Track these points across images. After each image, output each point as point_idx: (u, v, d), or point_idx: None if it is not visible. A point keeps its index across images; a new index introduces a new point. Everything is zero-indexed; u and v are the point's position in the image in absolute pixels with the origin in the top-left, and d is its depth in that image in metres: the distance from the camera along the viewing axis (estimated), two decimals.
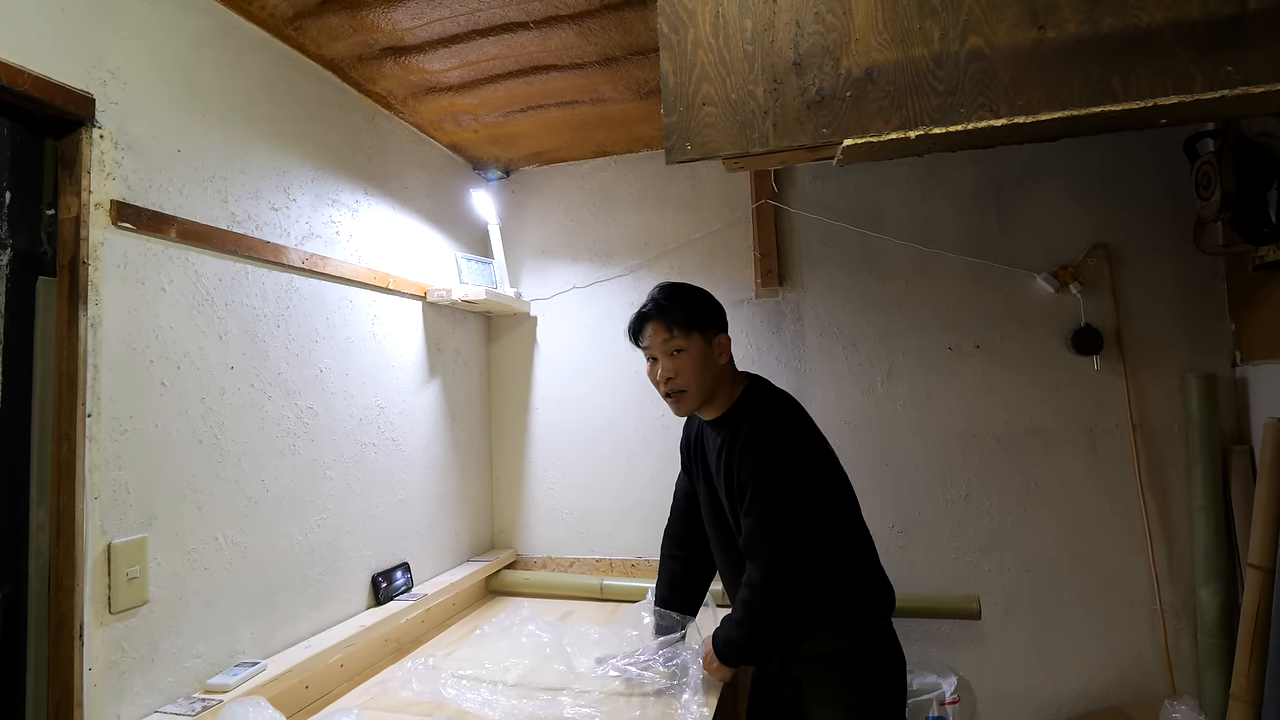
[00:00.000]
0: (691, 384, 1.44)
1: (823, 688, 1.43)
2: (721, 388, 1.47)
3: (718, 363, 1.46)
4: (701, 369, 1.44)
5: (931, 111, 0.85)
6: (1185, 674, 1.90)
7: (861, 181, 2.19)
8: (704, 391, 1.45)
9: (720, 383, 1.47)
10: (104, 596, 1.15)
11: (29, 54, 1.08)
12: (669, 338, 1.44)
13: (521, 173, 2.53)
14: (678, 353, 1.44)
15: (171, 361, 1.29)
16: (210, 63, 1.41)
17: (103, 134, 1.18)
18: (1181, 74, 0.78)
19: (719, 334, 1.48)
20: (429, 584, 2.01)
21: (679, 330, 1.43)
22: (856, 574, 1.44)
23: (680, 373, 1.43)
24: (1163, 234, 1.97)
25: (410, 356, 2.04)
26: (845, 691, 1.41)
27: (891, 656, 1.44)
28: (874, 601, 1.45)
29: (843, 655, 1.40)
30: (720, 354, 1.47)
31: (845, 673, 1.41)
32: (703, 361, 1.44)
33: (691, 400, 1.45)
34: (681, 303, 1.47)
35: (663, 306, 1.46)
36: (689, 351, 1.43)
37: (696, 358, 1.43)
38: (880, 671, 1.42)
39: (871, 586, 1.46)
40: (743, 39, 0.93)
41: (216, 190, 1.41)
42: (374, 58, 1.72)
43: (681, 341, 1.43)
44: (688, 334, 1.43)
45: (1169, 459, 1.95)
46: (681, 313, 1.45)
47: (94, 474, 1.13)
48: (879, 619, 1.43)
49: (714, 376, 1.45)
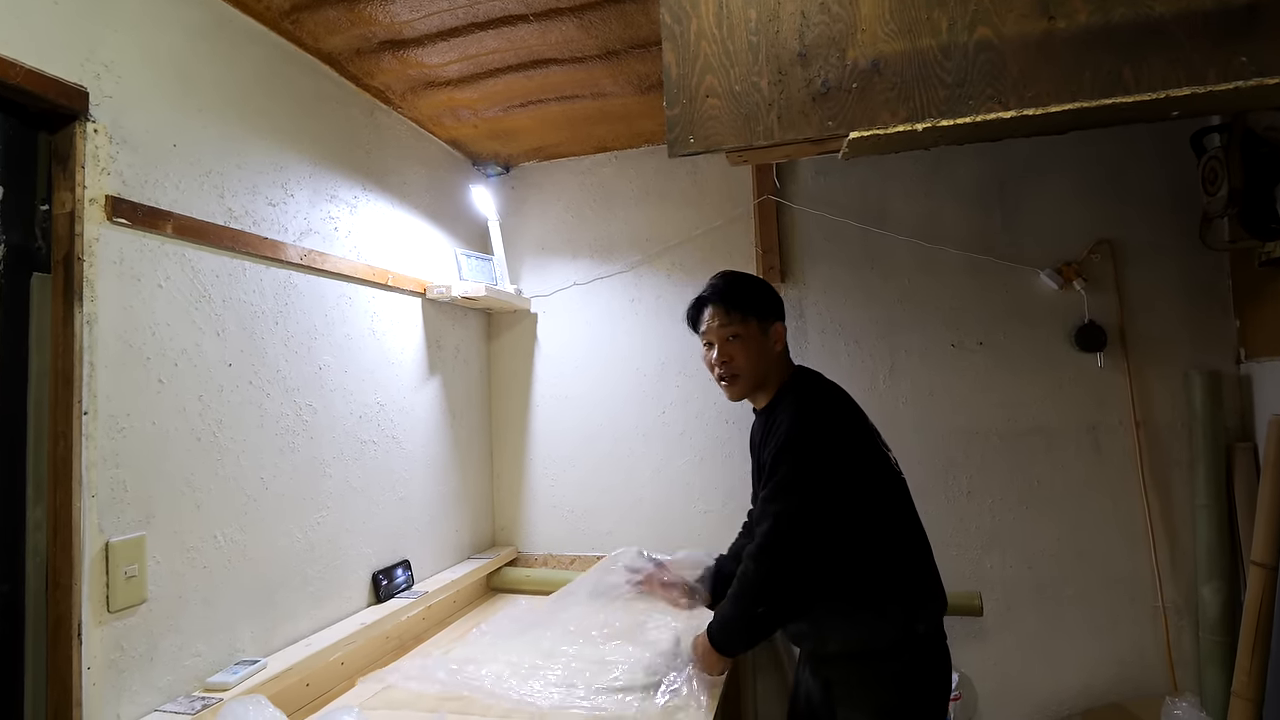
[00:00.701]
0: (745, 369, 1.44)
1: (853, 688, 1.37)
2: (773, 375, 1.47)
3: (773, 350, 1.46)
4: (757, 355, 1.44)
5: (939, 103, 0.84)
6: (1187, 671, 1.90)
7: (864, 177, 2.18)
8: (757, 378, 1.45)
9: (773, 370, 1.47)
10: (102, 595, 1.13)
11: (21, 47, 1.06)
12: (727, 322, 1.45)
13: (521, 168, 2.52)
14: (734, 338, 1.44)
15: (169, 359, 1.27)
16: (205, 56, 1.39)
17: (97, 128, 1.17)
18: (1194, 65, 0.76)
19: (776, 322, 1.48)
20: (430, 581, 2.00)
21: (736, 314, 1.44)
22: (895, 568, 1.36)
23: (735, 357, 1.44)
24: (1167, 230, 1.96)
25: (410, 353, 2.03)
26: (877, 691, 1.34)
27: (934, 661, 1.36)
28: (915, 600, 1.36)
29: (875, 654, 1.34)
30: (776, 342, 1.47)
31: (879, 673, 1.34)
32: (758, 347, 1.44)
33: (744, 385, 1.46)
34: (741, 288, 1.48)
35: (722, 291, 1.47)
36: (745, 337, 1.44)
37: (752, 343, 1.44)
38: (917, 675, 1.34)
39: (914, 584, 1.38)
40: (747, 30, 0.91)
41: (213, 185, 1.39)
42: (372, 51, 1.70)
43: (739, 327, 1.44)
44: (745, 319, 1.44)
45: (1172, 456, 1.94)
46: (740, 298, 1.46)
47: (91, 472, 1.12)
48: (919, 622, 1.34)
49: (767, 364, 1.46)
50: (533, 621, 1.71)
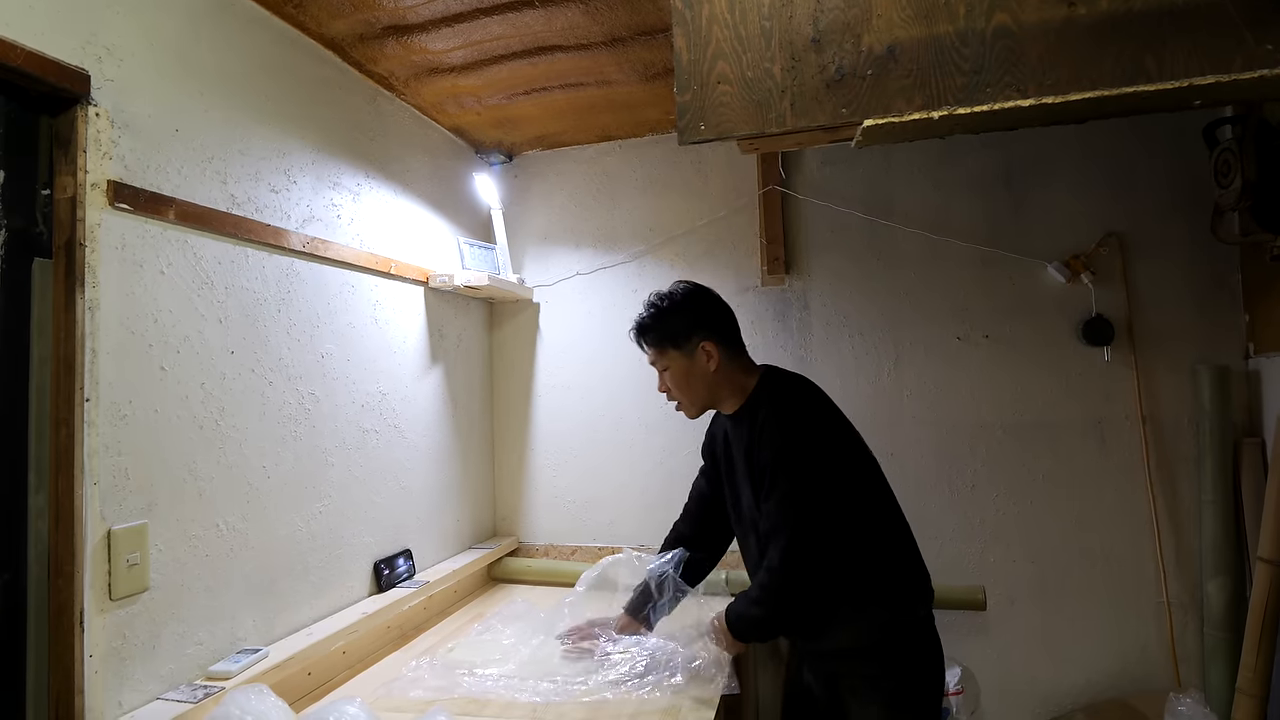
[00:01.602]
0: (683, 397, 1.47)
1: (858, 681, 1.38)
2: (724, 389, 1.46)
3: (706, 370, 1.44)
4: (686, 382, 1.45)
5: (956, 91, 0.82)
6: (1191, 667, 1.89)
7: (871, 167, 2.16)
8: (699, 400, 1.47)
9: (721, 385, 1.45)
10: (104, 583, 1.13)
11: (22, 28, 1.04)
12: (653, 359, 1.48)
13: (524, 157, 2.50)
14: (664, 370, 1.48)
15: (171, 346, 1.26)
16: (208, 40, 1.38)
17: (99, 112, 1.15)
18: (1218, 53, 0.75)
19: (701, 342, 1.43)
20: (431, 571, 1.99)
21: (654, 350, 1.47)
22: (888, 561, 1.39)
23: (671, 389, 1.48)
24: (1177, 223, 1.94)
25: (412, 342, 2.02)
26: (889, 679, 1.35)
27: (932, 642, 1.40)
28: (912, 585, 1.40)
29: (876, 648, 1.36)
30: (708, 359, 1.43)
31: (887, 661, 1.35)
32: (685, 375, 1.45)
33: (691, 409, 1.49)
34: (652, 322, 1.47)
35: (641, 326, 1.49)
36: (672, 368, 1.46)
37: (679, 373, 1.45)
38: (921, 657, 1.38)
39: (908, 569, 1.41)
40: (760, 15, 0.89)
41: (215, 171, 1.38)
42: (375, 37, 1.68)
43: (662, 360, 1.47)
44: (663, 352, 1.46)
45: (1179, 451, 1.93)
46: (654, 333, 1.47)
47: (93, 460, 1.11)
48: (919, 605, 1.39)
49: (706, 384, 1.45)
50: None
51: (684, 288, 1.51)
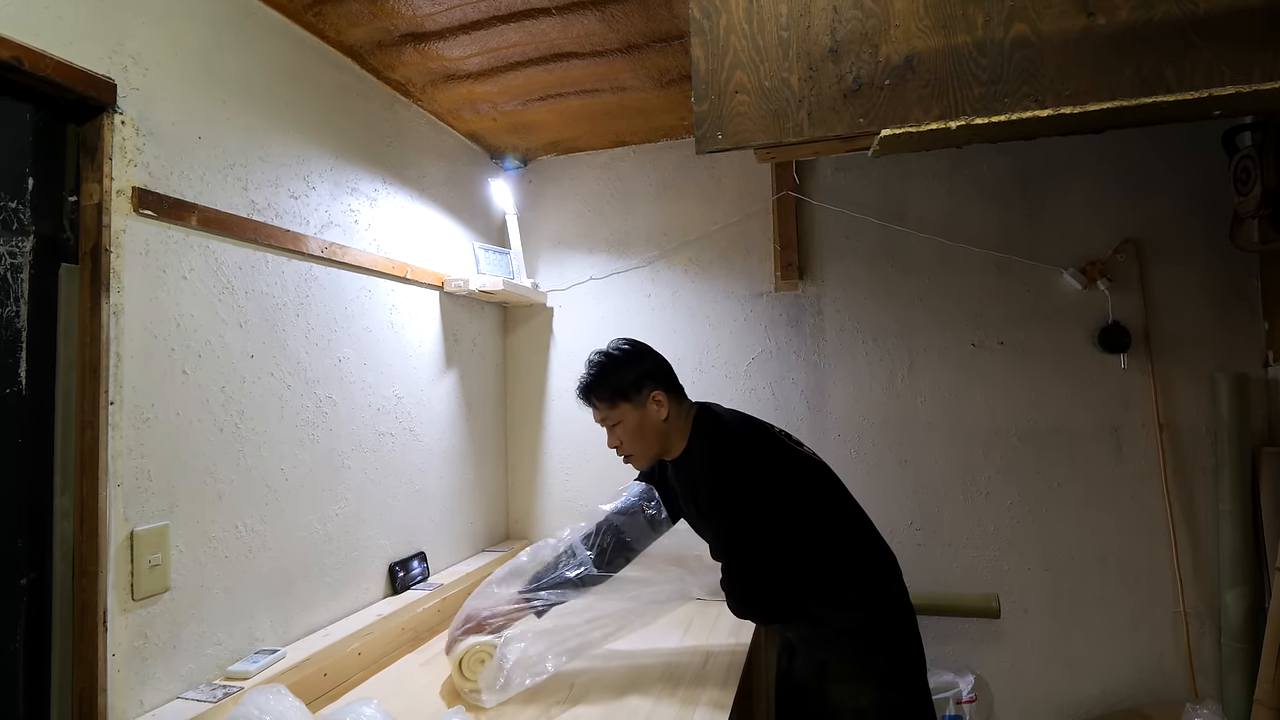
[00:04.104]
0: (636, 449, 1.49)
1: (848, 666, 1.42)
2: (673, 436, 1.49)
3: (658, 420, 1.47)
4: (639, 434, 1.47)
5: (974, 101, 0.82)
6: (1208, 678, 1.87)
7: (885, 173, 2.16)
8: (651, 451, 1.50)
9: (671, 434, 1.49)
10: (127, 583, 1.15)
11: (50, 38, 1.07)
12: (602, 415, 1.49)
13: (539, 162, 2.51)
14: (615, 425, 1.48)
15: (193, 350, 1.28)
16: (230, 48, 1.40)
17: (124, 120, 1.17)
18: (1239, 63, 0.74)
19: (650, 392, 1.47)
20: (445, 574, 2.01)
21: (604, 405, 1.48)
22: (852, 551, 1.45)
23: (623, 442, 1.49)
24: (1195, 230, 1.93)
25: (427, 347, 2.03)
26: (874, 661, 1.40)
27: (907, 620, 1.45)
28: (877, 571, 1.45)
29: (861, 628, 1.41)
30: (658, 411, 1.47)
31: (870, 643, 1.40)
32: (638, 426, 1.47)
33: (640, 460, 1.52)
34: (601, 378, 1.49)
35: (588, 385, 1.50)
36: (625, 421, 1.47)
37: (632, 425, 1.47)
38: (900, 637, 1.43)
39: (872, 558, 1.46)
40: (777, 25, 0.90)
41: (237, 178, 1.40)
42: (393, 44, 1.70)
43: (612, 415, 1.48)
44: (614, 406, 1.47)
45: (1196, 460, 1.91)
46: (605, 388, 1.48)
47: (116, 461, 1.13)
48: (891, 583, 1.45)
49: (657, 434, 1.48)
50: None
51: (625, 342, 1.55)
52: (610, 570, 1.58)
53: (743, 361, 2.25)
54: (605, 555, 1.57)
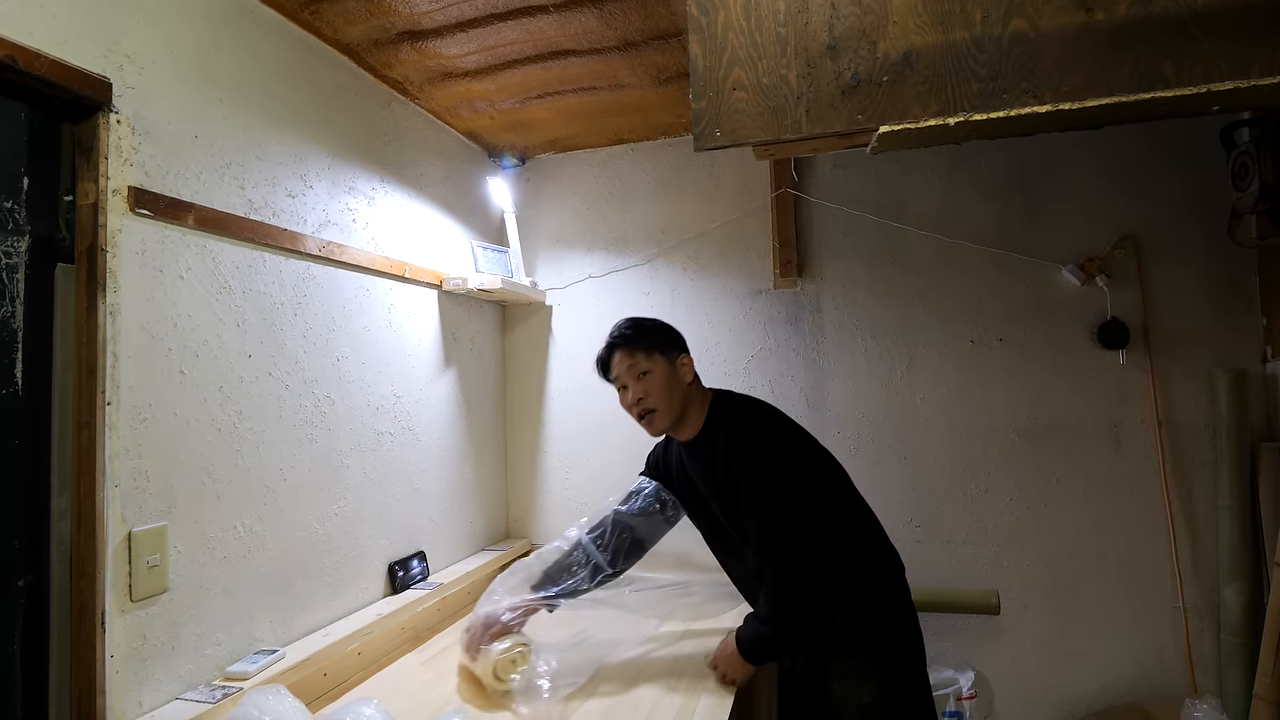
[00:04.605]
0: (660, 403, 1.52)
1: (851, 662, 1.44)
2: (691, 407, 1.55)
3: (683, 382, 1.55)
4: (668, 388, 1.53)
5: (972, 97, 0.82)
6: (1207, 673, 1.88)
7: (884, 170, 2.15)
8: (673, 410, 1.53)
9: (689, 402, 1.55)
10: (125, 584, 1.14)
11: (45, 37, 1.06)
12: (634, 363, 1.53)
13: (537, 160, 2.51)
14: (644, 375, 1.53)
15: (190, 350, 1.28)
16: (226, 47, 1.39)
17: (120, 119, 1.17)
18: (1237, 58, 0.74)
19: (681, 355, 1.57)
20: (445, 573, 2.01)
21: (643, 354, 1.53)
22: (859, 546, 1.48)
23: (649, 393, 1.52)
24: (1193, 226, 1.93)
25: (426, 346, 2.03)
26: (877, 658, 1.42)
27: (908, 613, 1.49)
28: (882, 565, 1.49)
29: (865, 623, 1.43)
30: (684, 373, 1.56)
31: (874, 638, 1.43)
32: (668, 381, 1.53)
33: (663, 419, 1.54)
34: (644, 329, 1.58)
35: (627, 336, 1.56)
36: (655, 372, 1.53)
37: (662, 378, 1.52)
38: (902, 631, 1.46)
39: (877, 553, 1.50)
40: (775, 21, 0.90)
41: (233, 177, 1.39)
42: (390, 42, 1.69)
43: (646, 364, 1.53)
44: (650, 356, 1.53)
45: (1195, 456, 1.91)
46: (644, 338, 1.55)
47: (114, 462, 1.13)
48: (893, 579, 1.49)
49: (681, 395, 1.54)
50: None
51: (649, 317, 1.65)
52: (624, 569, 1.63)
53: (742, 359, 2.25)
54: (620, 556, 1.62)
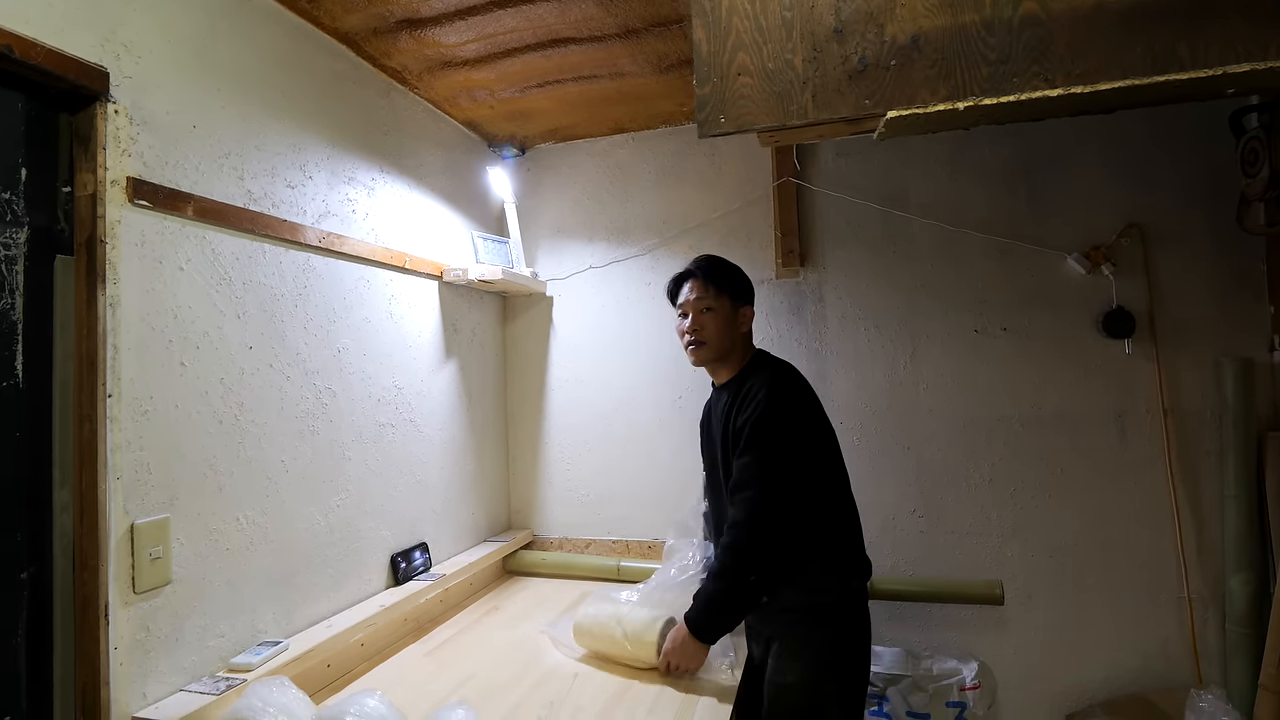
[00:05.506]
0: (712, 337, 1.58)
1: (796, 643, 1.46)
2: (735, 352, 1.61)
3: (739, 329, 1.61)
4: (724, 328, 1.58)
5: (982, 81, 0.80)
6: (1212, 663, 1.87)
7: (887, 159, 2.13)
8: (721, 348, 1.58)
9: (735, 348, 1.60)
10: (128, 576, 1.14)
11: (42, 26, 1.05)
12: (703, 295, 1.58)
13: (537, 150, 2.49)
14: (707, 310, 1.58)
15: (190, 341, 1.27)
16: (224, 36, 1.38)
17: (118, 109, 1.15)
18: (1254, 40, 0.73)
19: (745, 306, 1.62)
20: (447, 564, 2.01)
21: (712, 289, 1.58)
22: (836, 535, 1.51)
23: (705, 326, 1.58)
24: (1200, 214, 1.91)
25: (427, 337, 2.02)
26: (815, 637, 1.45)
27: (863, 616, 1.51)
28: (851, 562, 1.52)
29: (818, 610, 1.46)
30: (743, 322, 1.61)
31: (821, 625, 1.45)
32: (726, 322, 1.58)
33: (708, 351, 1.59)
34: (721, 268, 1.63)
35: (704, 268, 1.62)
36: (717, 311, 1.58)
37: (722, 317, 1.58)
38: (851, 627, 1.48)
39: (850, 549, 1.53)
40: (780, 5, 0.88)
41: (232, 167, 1.38)
42: (389, 31, 1.67)
43: (713, 301, 1.58)
44: (719, 295, 1.58)
45: (1201, 445, 1.90)
46: (719, 277, 1.60)
47: (116, 455, 1.13)
48: (855, 579, 1.51)
49: (732, 339, 1.59)
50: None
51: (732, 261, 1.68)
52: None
53: None
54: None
